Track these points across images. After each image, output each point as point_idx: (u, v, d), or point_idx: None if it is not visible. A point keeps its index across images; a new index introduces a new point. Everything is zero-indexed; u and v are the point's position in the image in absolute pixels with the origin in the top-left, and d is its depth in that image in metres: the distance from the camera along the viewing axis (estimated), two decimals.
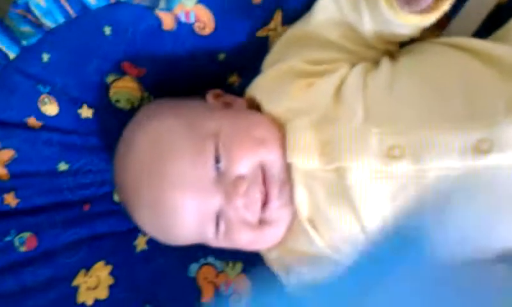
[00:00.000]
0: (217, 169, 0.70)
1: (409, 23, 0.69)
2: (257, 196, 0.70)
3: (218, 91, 0.81)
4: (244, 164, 0.70)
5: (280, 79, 0.76)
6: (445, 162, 0.63)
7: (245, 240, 0.73)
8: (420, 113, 0.66)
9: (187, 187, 0.69)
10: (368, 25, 0.72)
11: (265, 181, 0.70)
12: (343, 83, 0.72)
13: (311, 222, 0.71)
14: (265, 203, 0.70)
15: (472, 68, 0.69)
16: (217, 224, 0.72)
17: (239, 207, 0.69)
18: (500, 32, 0.75)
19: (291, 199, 0.71)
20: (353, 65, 0.75)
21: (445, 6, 0.66)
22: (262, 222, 0.71)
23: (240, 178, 0.69)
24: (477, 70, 0.68)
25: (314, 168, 0.69)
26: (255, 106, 0.78)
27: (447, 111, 0.65)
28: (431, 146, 0.64)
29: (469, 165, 0.63)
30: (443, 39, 0.76)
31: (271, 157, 0.71)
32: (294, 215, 0.72)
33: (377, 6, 0.69)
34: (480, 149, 0.62)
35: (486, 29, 0.76)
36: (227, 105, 0.79)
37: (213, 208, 0.70)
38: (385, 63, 0.73)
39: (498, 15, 0.77)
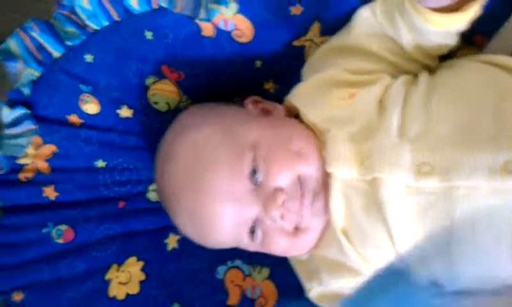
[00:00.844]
0: (255, 180, 0.71)
1: (438, 25, 0.68)
2: (295, 207, 0.71)
3: (257, 97, 0.82)
4: (282, 178, 0.71)
5: (321, 88, 0.76)
6: (473, 182, 0.63)
7: (281, 248, 0.74)
8: (451, 132, 0.66)
9: (224, 197, 0.71)
10: (405, 37, 0.73)
11: (303, 188, 0.71)
12: (384, 95, 0.72)
13: (345, 232, 0.72)
14: (304, 212, 0.72)
15: (507, 87, 0.68)
16: (254, 232, 0.73)
17: (276, 218, 0.71)
18: None
19: (326, 208, 0.72)
20: (393, 77, 0.75)
21: (474, 7, 0.66)
22: (297, 230, 0.73)
23: (279, 190, 0.70)
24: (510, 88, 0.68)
25: (352, 178, 0.69)
26: (293, 114, 0.79)
27: (478, 130, 0.65)
28: (460, 165, 0.64)
29: (497, 185, 0.62)
30: (482, 56, 0.75)
31: (309, 169, 0.72)
32: (328, 223, 0.73)
33: (408, 15, 0.69)
34: (508, 170, 0.62)
35: None
36: (265, 112, 0.80)
37: (250, 218, 0.72)
38: (424, 77, 0.73)
39: None
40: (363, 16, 0.76)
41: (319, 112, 0.75)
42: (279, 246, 0.74)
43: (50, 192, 0.85)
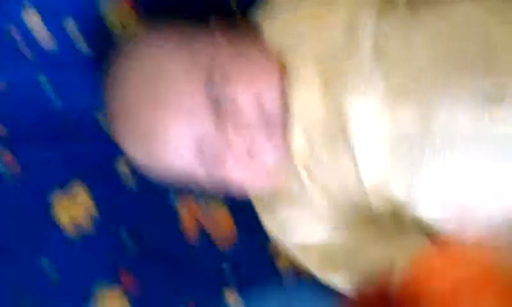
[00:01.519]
0: (211, 95, 0.67)
1: None
2: (249, 125, 0.67)
3: (221, 17, 0.76)
4: (239, 95, 0.67)
5: (288, 7, 0.72)
6: (452, 110, 0.62)
7: (235, 175, 0.70)
8: (432, 56, 0.64)
9: (175, 109, 0.67)
10: None
11: (262, 112, 0.68)
12: (355, 16, 0.68)
13: (304, 163, 0.70)
14: (261, 135, 0.68)
15: (495, 19, 0.66)
16: (204, 155, 0.69)
17: (229, 136, 0.67)
18: None
19: (286, 138, 0.69)
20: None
21: None
22: (252, 156, 0.69)
23: (233, 104, 0.67)
24: (499, 21, 0.65)
25: (314, 105, 0.67)
26: (258, 34, 0.74)
27: (461, 58, 0.63)
28: (440, 92, 0.62)
29: (477, 115, 0.61)
30: None
31: (269, 89, 0.68)
32: (288, 155, 0.70)
33: None
34: (492, 99, 0.61)
35: None
36: (230, 33, 0.74)
37: (201, 135, 0.68)
38: (402, 6, 0.69)
39: None
40: None
41: (283, 32, 0.71)
42: (233, 173, 0.70)
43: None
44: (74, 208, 0.82)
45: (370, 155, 0.66)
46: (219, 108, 0.67)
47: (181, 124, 0.67)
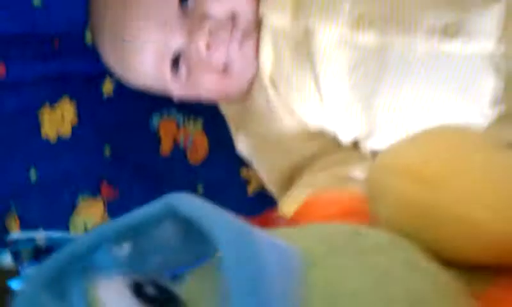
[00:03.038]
0: (184, 6, 0.69)
1: None
2: (223, 38, 0.69)
3: None
4: (213, 5, 0.69)
5: None
6: (410, 39, 0.64)
7: (206, 85, 0.73)
8: None
9: (149, 18, 0.69)
10: None
11: (235, 26, 0.70)
12: None
13: (272, 80, 0.73)
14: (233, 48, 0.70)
15: None
16: (178, 65, 0.71)
17: (201, 47, 0.69)
18: None
19: (256, 54, 0.71)
20: None
21: None
22: (225, 70, 0.71)
23: (207, 16, 0.69)
24: None
25: (284, 24, 0.69)
26: None
27: None
28: (400, 20, 0.64)
29: (433, 47, 0.64)
30: None
31: (243, 5, 0.70)
32: (257, 71, 0.73)
33: None
34: (447, 33, 0.63)
35: None
36: None
37: (174, 44, 0.70)
38: None
39: None
40: None
41: None
42: (204, 82, 0.72)
43: None
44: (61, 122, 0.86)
45: (331, 80, 0.68)
46: (193, 22, 0.69)
47: (156, 35, 0.69)
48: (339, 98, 0.69)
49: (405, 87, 0.66)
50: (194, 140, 0.86)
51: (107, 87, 0.87)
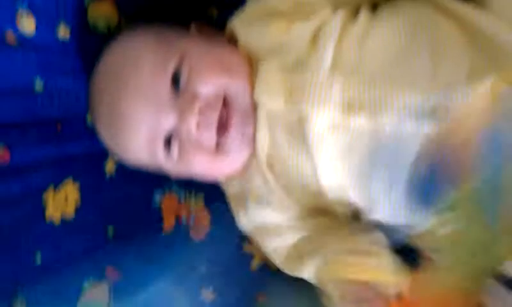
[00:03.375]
0: (176, 88, 0.70)
1: None
2: (213, 118, 0.69)
3: (203, 23, 0.80)
4: (203, 85, 0.70)
5: (261, 16, 0.75)
6: (401, 122, 0.64)
7: (198, 166, 0.73)
8: (385, 69, 0.67)
9: (141, 99, 0.70)
10: None
11: (228, 108, 0.70)
12: (320, 29, 0.71)
13: (269, 162, 0.73)
14: (225, 129, 0.71)
15: (445, 29, 0.69)
16: (170, 145, 0.72)
17: (192, 127, 0.69)
18: None
19: (252, 136, 0.72)
20: (335, 9, 0.73)
21: None
22: (219, 150, 0.71)
23: (197, 96, 0.69)
24: (449, 31, 0.68)
25: (278, 108, 0.70)
26: (234, 40, 0.77)
27: (410, 71, 0.66)
28: (390, 104, 0.65)
29: (423, 129, 0.64)
30: None
31: (235, 87, 0.71)
32: (253, 152, 0.73)
33: None
34: (437, 114, 0.63)
35: None
36: (208, 37, 0.77)
37: (166, 125, 0.70)
38: (364, 14, 0.72)
39: None
40: None
41: (255, 40, 0.74)
42: (196, 163, 0.72)
43: None
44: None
45: (327, 163, 0.68)
46: (184, 102, 0.69)
47: (148, 115, 0.70)
48: (336, 180, 0.69)
49: (400, 166, 0.65)
50: (196, 216, 0.86)
51: (110, 167, 0.88)
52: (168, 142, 0.72)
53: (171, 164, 0.74)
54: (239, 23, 0.76)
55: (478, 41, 0.66)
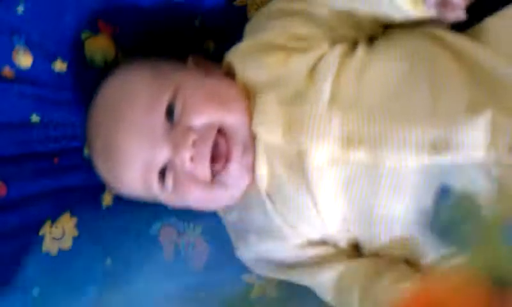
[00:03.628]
0: (171, 120, 0.70)
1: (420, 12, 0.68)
2: (207, 150, 0.69)
3: (200, 56, 0.81)
4: (197, 118, 0.70)
5: (258, 49, 0.75)
6: (400, 157, 0.64)
7: (193, 198, 0.73)
8: (384, 103, 0.67)
9: (136, 133, 0.70)
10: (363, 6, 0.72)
11: (227, 141, 0.71)
12: (318, 63, 0.72)
13: (269, 194, 0.73)
14: (224, 161, 0.71)
15: (443, 62, 0.69)
16: (164, 177, 0.72)
17: (185, 160, 0.69)
18: (476, 28, 0.74)
19: (251, 166, 0.72)
20: (333, 44, 0.74)
21: None
22: (216, 182, 0.71)
23: (190, 129, 0.69)
24: (447, 64, 0.69)
25: (277, 142, 0.70)
26: (231, 74, 0.78)
27: (410, 104, 0.66)
28: (389, 139, 0.65)
29: (424, 163, 0.64)
30: (422, 28, 0.74)
31: (232, 119, 0.71)
32: (252, 184, 0.73)
33: None
34: (437, 148, 0.63)
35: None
36: (205, 70, 0.78)
37: (160, 158, 0.70)
38: (361, 48, 0.73)
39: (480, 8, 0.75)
40: None
41: (252, 72, 0.74)
42: (191, 195, 0.72)
43: None
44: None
45: (327, 197, 0.68)
46: (178, 134, 0.69)
47: (143, 148, 0.70)
48: (337, 214, 0.70)
49: (401, 199, 0.66)
50: (195, 246, 0.86)
51: (107, 199, 0.87)
52: (162, 174, 0.72)
53: (166, 196, 0.74)
54: (235, 57, 0.77)
55: (476, 74, 0.66)
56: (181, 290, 0.84)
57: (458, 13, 0.66)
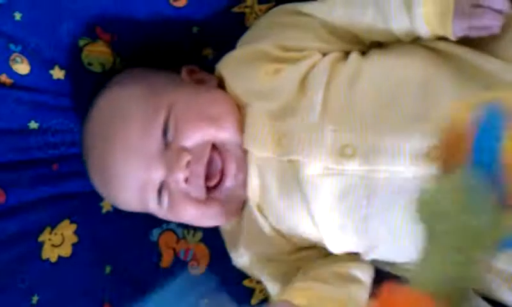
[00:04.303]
0: (165, 140, 0.71)
1: (432, 30, 0.68)
2: (200, 170, 0.70)
3: (194, 67, 0.81)
4: (190, 138, 0.70)
5: (249, 60, 0.75)
6: (395, 166, 0.65)
7: (188, 216, 0.73)
8: (376, 112, 0.67)
9: (131, 153, 0.71)
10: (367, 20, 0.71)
11: (222, 158, 0.71)
12: (309, 74, 0.72)
13: (260, 208, 0.73)
14: (221, 178, 0.71)
15: (436, 68, 0.69)
16: (160, 196, 0.72)
17: (180, 181, 0.70)
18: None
19: (244, 182, 0.72)
20: (324, 54, 0.74)
21: None
22: (210, 200, 0.72)
23: (184, 150, 0.69)
24: (440, 71, 0.69)
25: (268, 157, 0.70)
26: (224, 85, 0.78)
27: (403, 112, 0.66)
28: (383, 148, 0.65)
29: (419, 171, 0.64)
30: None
31: (223, 136, 0.71)
32: (245, 198, 0.74)
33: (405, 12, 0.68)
34: (431, 156, 0.63)
35: None
36: (199, 82, 0.78)
37: (155, 179, 0.71)
38: (354, 57, 0.73)
39: None
40: None
41: (242, 84, 0.74)
42: (186, 213, 0.73)
43: None
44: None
45: (323, 207, 0.68)
46: (172, 155, 0.70)
47: (138, 168, 0.71)
48: (333, 224, 0.70)
49: (396, 208, 0.66)
50: (195, 252, 0.86)
51: (106, 205, 0.87)
52: (158, 192, 0.72)
53: (163, 213, 0.74)
54: (226, 68, 0.77)
55: (471, 80, 0.66)
56: (181, 297, 0.84)
57: (494, 30, 0.66)
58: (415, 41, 0.73)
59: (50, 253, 0.85)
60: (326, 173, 0.67)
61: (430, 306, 0.44)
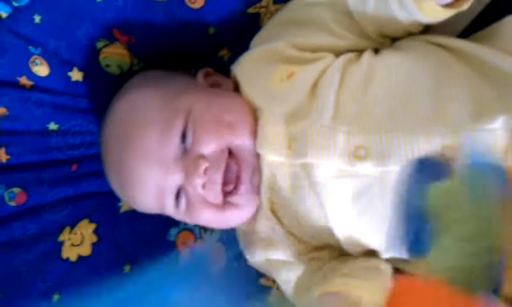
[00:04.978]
0: (183, 146, 0.72)
1: (428, 15, 0.68)
2: (218, 177, 0.71)
3: (210, 69, 0.82)
4: (208, 145, 0.71)
5: (264, 62, 0.76)
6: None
7: (205, 219, 0.75)
8: (389, 114, 0.67)
9: (149, 159, 0.72)
10: (371, 12, 0.72)
11: (237, 163, 0.72)
12: (321, 77, 0.72)
13: (273, 211, 0.74)
14: (237, 184, 0.72)
15: (449, 67, 0.69)
16: (178, 199, 0.73)
17: (197, 186, 0.71)
18: (484, 32, 0.74)
19: (259, 187, 0.73)
20: (338, 55, 0.74)
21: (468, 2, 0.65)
22: (226, 204, 0.73)
23: (201, 157, 0.70)
24: (453, 69, 0.68)
25: (280, 161, 0.70)
26: (239, 86, 0.78)
27: (416, 113, 0.66)
28: (396, 149, 0.65)
29: None
30: (428, 36, 0.75)
31: (239, 142, 0.72)
32: (260, 201, 0.75)
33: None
34: (445, 156, 0.63)
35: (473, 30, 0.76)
36: (215, 85, 0.79)
37: (173, 184, 0.72)
38: (366, 58, 0.73)
39: (487, 14, 0.76)
40: None
41: (256, 88, 0.75)
42: (203, 217, 0.74)
43: (1, 155, 0.85)
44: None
45: (337, 208, 0.69)
46: (189, 162, 0.71)
47: (157, 173, 0.72)
48: (348, 225, 0.70)
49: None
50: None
51: (125, 204, 0.88)
52: (176, 195, 0.73)
53: (180, 215, 0.76)
54: (240, 70, 0.78)
55: (485, 77, 0.66)
56: (198, 296, 0.85)
57: None
58: (427, 39, 0.73)
59: (69, 252, 0.86)
60: (339, 175, 0.67)
61: (445, 293, 0.45)
